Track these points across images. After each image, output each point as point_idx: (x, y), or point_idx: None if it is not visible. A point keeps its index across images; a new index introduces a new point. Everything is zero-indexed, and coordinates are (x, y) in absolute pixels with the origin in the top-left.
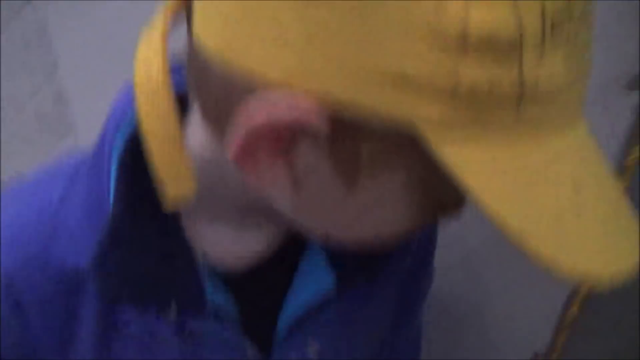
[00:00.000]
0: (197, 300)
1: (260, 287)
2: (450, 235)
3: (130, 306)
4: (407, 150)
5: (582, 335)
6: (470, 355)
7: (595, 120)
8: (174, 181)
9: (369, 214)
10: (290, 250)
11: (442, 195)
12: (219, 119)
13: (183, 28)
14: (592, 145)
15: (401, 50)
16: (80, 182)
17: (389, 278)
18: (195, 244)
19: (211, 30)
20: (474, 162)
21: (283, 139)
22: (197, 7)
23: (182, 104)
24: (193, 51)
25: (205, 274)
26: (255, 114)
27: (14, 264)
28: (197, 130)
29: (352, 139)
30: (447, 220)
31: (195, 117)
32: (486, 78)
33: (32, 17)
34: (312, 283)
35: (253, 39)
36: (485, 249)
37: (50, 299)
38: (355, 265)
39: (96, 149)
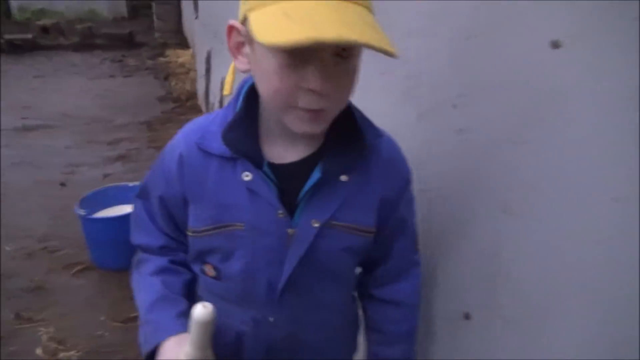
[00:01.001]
0: (260, 164)
1: (293, 177)
2: None
3: (225, 160)
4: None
5: None
6: None
7: None
8: None
9: (262, 79)
10: (311, 158)
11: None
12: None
13: None
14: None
15: None
16: (222, 111)
17: (355, 178)
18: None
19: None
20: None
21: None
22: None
23: None
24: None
25: (265, 160)
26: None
27: (185, 145)
28: None
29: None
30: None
31: None
32: None
33: None
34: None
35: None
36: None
37: (197, 164)
38: (330, 168)
39: (233, 97)
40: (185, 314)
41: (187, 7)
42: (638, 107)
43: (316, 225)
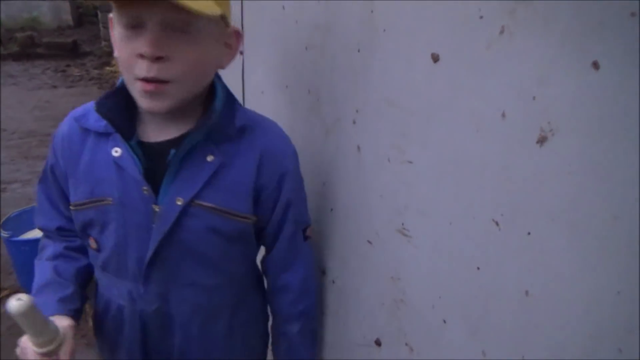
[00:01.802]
0: (129, 137)
1: (161, 155)
2: None
3: (98, 136)
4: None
5: None
6: None
7: None
8: None
9: (116, 54)
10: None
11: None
12: None
13: None
14: None
15: None
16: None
17: (223, 160)
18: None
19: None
20: None
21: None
22: None
23: None
24: None
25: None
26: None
27: (68, 123)
28: None
29: None
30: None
31: None
32: None
33: None
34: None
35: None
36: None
37: (75, 140)
38: (191, 146)
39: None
40: (70, 298)
41: None
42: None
43: (179, 203)
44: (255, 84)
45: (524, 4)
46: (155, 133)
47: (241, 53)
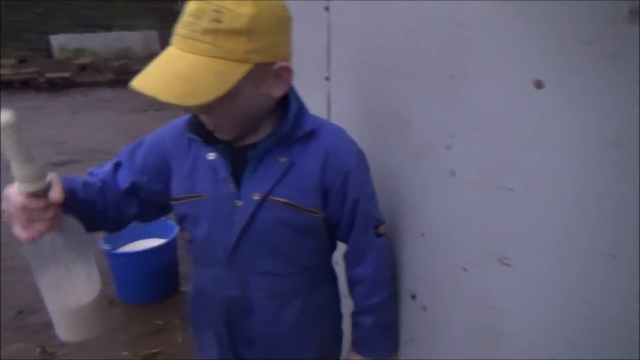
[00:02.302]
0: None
1: (243, 158)
2: None
3: (198, 144)
4: None
5: None
6: None
7: None
8: None
9: None
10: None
11: None
12: None
13: None
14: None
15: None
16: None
17: (293, 160)
18: None
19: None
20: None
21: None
22: None
23: None
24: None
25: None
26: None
27: (177, 129)
28: None
29: None
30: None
31: None
32: None
33: None
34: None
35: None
36: None
37: (183, 145)
38: (264, 149)
39: None
40: (77, 182)
41: None
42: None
43: (256, 198)
44: (342, 108)
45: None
46: (239, 141)
47: (327, 79)
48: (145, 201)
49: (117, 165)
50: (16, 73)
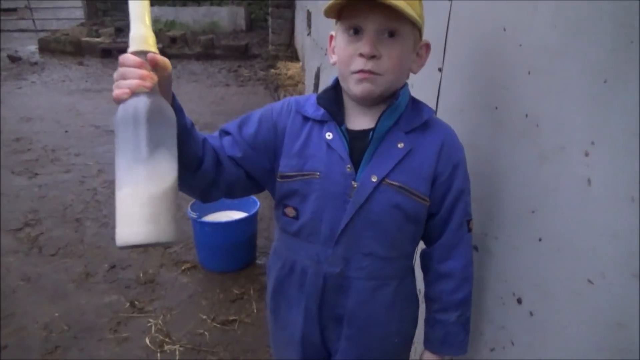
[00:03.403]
0: (340, 124)
1: (361, 140)
2: None
3: (315, 123)
4: None
5: None
6: None
7: None
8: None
9: (338, 56)
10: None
11: None
12: None
13: None
14: None
15: None
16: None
17: (410, 147)
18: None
19: None
20: None
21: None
22: None
23: None
24: None
25: (344, 124)
26: (330, 40)
27: (293, 107)
28: None
29: None
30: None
31: None
32: None
33: None
34: (374, 142)
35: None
36: None
37: (297, 123)
38: (386, 134)
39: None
40: (189, 122)
41: (300, 23)
42: None
43: (374, 180)
44: (453, 101)
45: None
46: (356, 123)
47: (440, 70)
48: (245, 175)
49: (225, 133)
50: (113, 42)
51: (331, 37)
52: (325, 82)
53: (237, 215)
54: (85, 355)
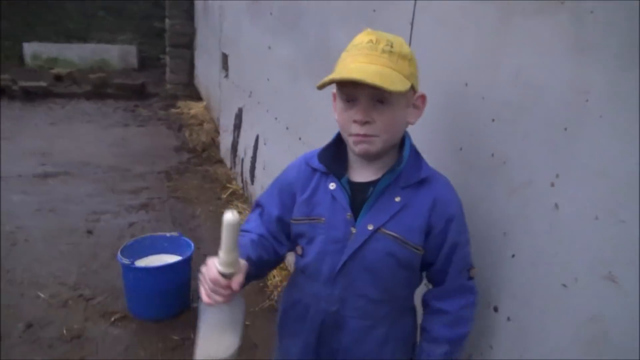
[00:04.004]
0: (341, 177)
1: (362, 192)
2: None
3: (322, 174)
4: None
5: None
6: None
7: None
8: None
9: (337, 118)
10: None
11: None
12: None
13: None
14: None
15: None
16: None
17: (407, 201)
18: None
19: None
20: None
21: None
22: None
23: None
24: None
25: (345, 177)
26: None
27: (301, 163)
28: None
29: None
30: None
31: None
32: None
33: None
34: (374, 196)
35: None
36: None
37: (306, 175)
38: (384, 189)
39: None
40: (254, 261)
41: (202, 63)
42: None
43: (370, 228)
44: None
45: None
46: (359, 175)
47: None
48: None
49: (261, 212)
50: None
51: (334, 94)
52: (248, 122)
53: (170, 258)
54: None
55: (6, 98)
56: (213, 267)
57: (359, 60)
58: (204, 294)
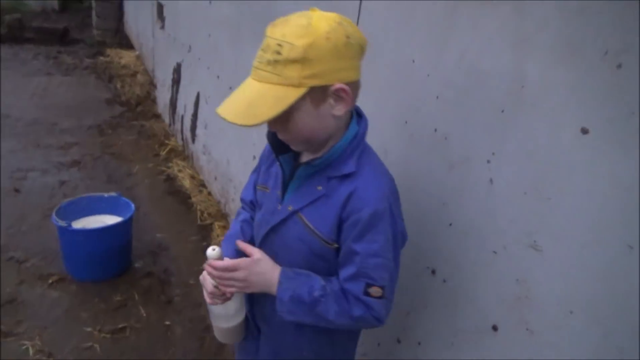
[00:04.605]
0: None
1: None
2: None
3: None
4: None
5: None
6: None
7: None
8: None
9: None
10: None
11: None
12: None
13: None
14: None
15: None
16: None
17: (326, 191)
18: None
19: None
20: None
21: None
22: None
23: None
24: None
25: (287, 156)
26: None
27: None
28: None
29: None
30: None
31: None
32: None
33: None
34: (297, 179)
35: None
36: None
37: (268, 154)
38: (305, 175)
39: None
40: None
41: (133, 9)
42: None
43: (289, 209)
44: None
45: None
46: (307, 156)
47: None
48: None
49: (243, 204)
50: None
51: None
52: (187, 78)
53: (109, 219)
54: None
55: None
56: (209, 281)
57: (244, 82)
58: (207, 297)
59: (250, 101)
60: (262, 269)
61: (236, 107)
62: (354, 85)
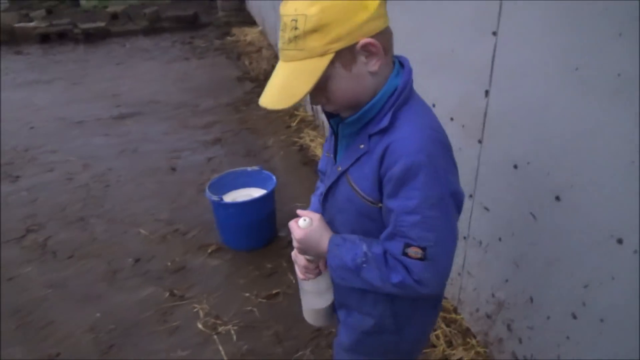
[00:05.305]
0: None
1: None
2: None
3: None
4: None
5: None
6: None
7: None
8: None
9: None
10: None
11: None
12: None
13: None
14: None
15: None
16: None
17: (368, 148)
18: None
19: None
20: None
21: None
22: None
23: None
24: None
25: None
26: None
27: None
28: None
29: None
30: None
31: None
32: None
33: None
34: (343, 139)
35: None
36: None
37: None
38: (347, 134)
39: None
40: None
41: None
42: None
43: (338, 170)
44: (513, 65)
45: None
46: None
47: (494, 34)
48: None
49: (321, 177)
50: (50, 25)
51: None
52: None
53: (254, 192)
54: (140, 349)
55: (70, 42)
56: (301, 256)
57: (276, 67)
58: (299, 273)
59: (283, 83)
60: (312, 238)
61: (272, 93)
62: (383, 36)
